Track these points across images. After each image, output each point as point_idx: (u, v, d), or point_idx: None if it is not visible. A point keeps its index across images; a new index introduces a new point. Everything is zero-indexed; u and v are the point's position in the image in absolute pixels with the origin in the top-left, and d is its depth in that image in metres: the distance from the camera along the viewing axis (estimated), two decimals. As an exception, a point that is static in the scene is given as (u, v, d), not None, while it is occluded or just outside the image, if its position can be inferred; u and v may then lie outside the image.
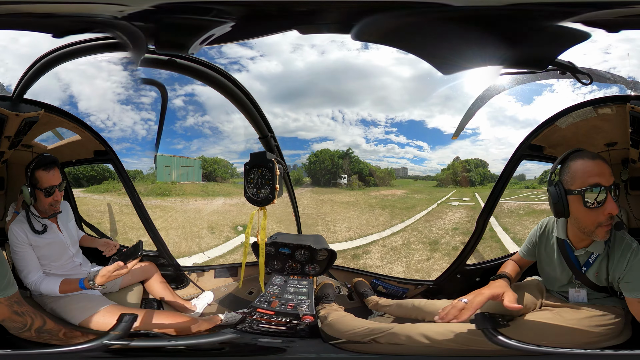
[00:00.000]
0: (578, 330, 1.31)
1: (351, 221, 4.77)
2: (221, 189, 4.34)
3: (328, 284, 2.01)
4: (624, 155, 1.80)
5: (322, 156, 5.23)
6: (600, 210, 1.09)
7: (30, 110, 1.71)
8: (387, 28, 1.22)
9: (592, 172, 1.09)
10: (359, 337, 1.45)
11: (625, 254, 1.13)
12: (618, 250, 1.15)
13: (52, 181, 1.57)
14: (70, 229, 1.75)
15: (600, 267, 1.22)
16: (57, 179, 1.59)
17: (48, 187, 1.56)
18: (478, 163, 4.80)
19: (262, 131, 2.03)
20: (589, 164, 1.11)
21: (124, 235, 2.94)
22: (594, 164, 1.10)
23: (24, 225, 1.57)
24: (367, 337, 1.43)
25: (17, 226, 1.57)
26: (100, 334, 1.36)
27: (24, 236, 1.55)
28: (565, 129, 1.75)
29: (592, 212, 1.10)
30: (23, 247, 1.56)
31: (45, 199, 1.56)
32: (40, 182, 1.55)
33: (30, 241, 1.57)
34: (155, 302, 1.97)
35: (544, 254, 1.44)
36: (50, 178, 1.57)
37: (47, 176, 1.56)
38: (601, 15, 1.14)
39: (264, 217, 1.41)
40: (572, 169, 1.15)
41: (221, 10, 1.17)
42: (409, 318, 1.65)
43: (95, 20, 1.23)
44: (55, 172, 1.59)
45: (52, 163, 1.58)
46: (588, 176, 1.10)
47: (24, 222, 1.58)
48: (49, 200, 1.58)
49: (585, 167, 1.11)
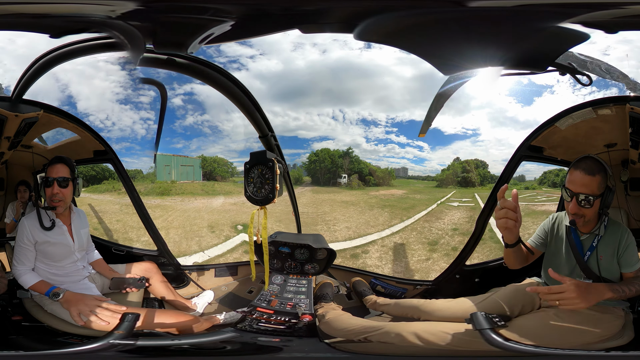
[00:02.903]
0: (578, 331, 1.31)
1: (351, 221, 4.76)
2: (221, 188, 4.34)
3: (327, 283, 2.02)
4: (624, 156, 1.80)
5: (322, 155, 5.22)
6: (568, 204, 1.44)
7: (30, 110, 1.71)
8: (388, 28, 1.22)
9: (570, 178, 1.42)
10: (352, 336, 1.47)
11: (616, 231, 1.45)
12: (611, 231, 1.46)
13: (51, 173, 1.66)
14: (82, 236, 1.78)
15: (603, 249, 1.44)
16: (56, 173, 1.66)
17: (50, 177, 1.65)
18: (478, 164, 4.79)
19: (262, 130, 2.03)
20: (573, 172, 1.42)
21: (124, 235, 2.94)
22: (575, 173, 1.41)
23: (34, 221, 1.64)
24: (359, 336, 1.45)
25: (28, 221, 1.64)
26: (104, 334, 1.37)
27: (30, 233, 1.62)
28: (565, 130, 1.76)
29: (566, 204, 1.46)
30: (24, 243, 1.63)
31: (46, 189, 1.65)
32: (46, 174, 1.66)
33: (35, 239, 1.63)
34: (156, 302, 1.98)
35: (552, 244, 1.58)
36: (51, 170, 1.66)
37: (50, 168, 1.66)
38: (599, 16, 1.14)
39: (265, 217, 1.41)
40: (570, 170, 1.45)
41: (221, 9, 1.17)
42: (406, 317, 1.66)
43: (92, 20, 1.22)
44: (58, 167, 1.67)
45: (59, 159, 1.68)
46: (569, 180, 1.44)
47: (35, 217, 1.64)
48: (49, 192, 1.66)
49: (571, 172, 1.43)
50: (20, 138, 1.81)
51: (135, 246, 2.34)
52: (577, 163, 1.43)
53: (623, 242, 1.42)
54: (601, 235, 1.44)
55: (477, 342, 1.30)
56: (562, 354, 1.27)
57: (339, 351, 1.42)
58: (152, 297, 1.99)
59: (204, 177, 4.24)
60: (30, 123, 1.77)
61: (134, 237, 2.72)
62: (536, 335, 1.32)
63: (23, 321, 1.62)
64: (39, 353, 1.34)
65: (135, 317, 1.41)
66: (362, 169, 5.17)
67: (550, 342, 1.30)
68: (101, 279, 1.85)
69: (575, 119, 1.71)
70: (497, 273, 1.96)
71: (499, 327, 1.32)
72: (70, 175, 1.67)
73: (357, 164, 5.17)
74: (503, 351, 1.25)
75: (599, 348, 1.31)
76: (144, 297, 1.95)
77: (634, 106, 1.56)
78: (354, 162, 5.19)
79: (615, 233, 1.44)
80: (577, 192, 1.39)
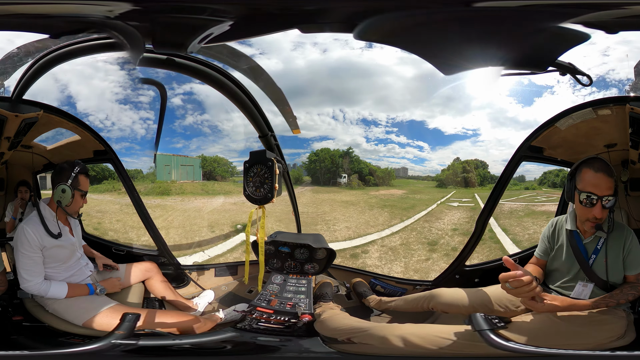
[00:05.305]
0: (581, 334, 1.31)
1: (350, 220, 4.76)
2: (221, 188, 4.33)
3: (326, 283, 2.02)
4: (624, 156, 1.80)
5: (322, 155, 5.21)
6: (589, 210, 1.36)
7: (30, 110, 1.71)
8: (388, 28, 1.21)
9: (591, 181, 1.35)
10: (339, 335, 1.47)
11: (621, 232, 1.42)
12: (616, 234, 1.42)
13: (85, 186, 1.69)
14: (79, 232, 1.79)
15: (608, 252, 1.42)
16: (88, 186, 1.72)
17: (85, 191, 1.69)
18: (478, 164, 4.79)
19: (262, 130, 2.03)
20: (592, 175, 1.36)
21: (124, 235, 2.95)
22: (595, 176, 1.35)
23: (37, 226, 1.56)
24: (343, 336, 1.45)
25: (31, 227, 1.55)
26: (104, 334, 1.37)
27: (37, 240, 1.54)
28: (565, 130, 1.75)
29: (584, 209, 1.39)
30: (33, 251, 1.55)
31: (80, 200, 1.68)
32: (82, 185, 1.67)
33: (43, 244, 1.57)
34: (157, 302, 1.98)
35: (554, 250, 1.55)
36: (87, 183, 1.70)
37: (86, 182, 1.69)
38: (600, 17, 1.14)
39: (263, 216, 1.41)
40: (582, 172, 1.40)
41: (220, 9, 1.16)
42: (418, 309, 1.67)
43: (92, 20, 1.22)
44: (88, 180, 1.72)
45: (87, 170, 1.71)
46: (587, 183, 1.36)
47: (37, 222, 1.57)
48: (81, 204, 1.70)
49: (589, 176, 1.36)
50: (20, 138, 1.81)
51: (135, 246, 2.35)
52: (595, 165, 1.37)
53: (628, 243, 1.40)
54: (605, 237, 1.40)
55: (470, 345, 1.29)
56: (564, 354, 1.26)
57: (339, 352, 1.42)
58: (153, 297, 1.99)
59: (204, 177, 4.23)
60: (30, 123, 1.77)
61: (134, 237, 2.72)
62: (537, 338, 1.31)
63: (24, 321, 1.62)
64: (40, 353, 1.34)
65: (135, 317, 1.41)
66: (362, 169, 5.16)
67: (549, 344, 1.29)
68: (100, 276, 1.86)
69: (575, 119, 1.71)
70: (497, 273, 1.96)
71: (500, 328, 1.32)
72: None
73: (357, 164, 5.17)
74: (502, 352, 1.25)
75: (600, 349, 1.30)
76: (144, 297, 1.96)
77: (634, 106, 1.56)
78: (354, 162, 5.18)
79: (620, 235, 1.41)
80: (603, 195, 1.33)
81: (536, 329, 1.34)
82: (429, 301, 1.64)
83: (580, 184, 1.38)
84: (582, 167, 1.40)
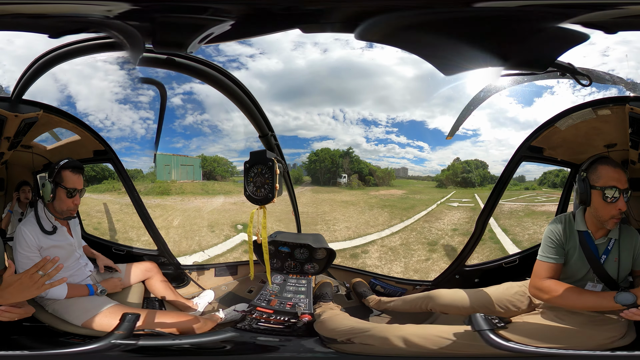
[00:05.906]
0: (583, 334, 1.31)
1: (350, 220, 4.77)
2: (221, 188, 4.33)
3: (326, 283, 2.02)
4: (624, 156, 1.80)
5: (322, 155, 5.21)
6: (614, 205, 1.37)
7: (29, 110, 1.71)
8: (389, 28, 1.22)
9: (613, 176, 1.37)
10: (338, 336, 1.47)
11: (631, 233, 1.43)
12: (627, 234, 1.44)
13: (76, 184, 1.59)
14: (78, 232, 1.78)
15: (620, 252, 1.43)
16: (81, 184, 1.62)
17: (72, 188, 1.58)
18: (478, 164, 4.79)
19: (262, 130, 2.03)
20: (612, 170, 1.39)
21: (124, 235, 2.95)
22: (615, 171, 1.38)
23: (34, 227, 1.55)
24: (343, 337, 1.45)
25: (28, 227, 1.54)
26: (104, 335, 1.37)
27: (33, 239, 1.53)
28: (565, 130, 1.76)
29: (608, 206, 1.38)
30: (31, 251, 1.54)
31: (66, 199, 1.58)
32: (65, 181, 1.57)
33: (40, 244, 1.56)
34: (157, 302, 1.98)
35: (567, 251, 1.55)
36: (75, 180, 1.59)
37: (74, 178, 1.59)
38: (599, 17, 1.14)
39: (264, 216, 1.41)
40: (599, 170, 1.41)
41: (221, 9, 1.16)
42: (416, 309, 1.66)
43: (91, 20, 1.22)
44: (80, 177, 1.62)
45: (80, 168, 1.62)
46: (610, 179, 1.37)
47: (34, 222, 1.56)
48: (69, 203, 1.59)
49: (609, 171, 1.39)
50: (20, 138, 1.80)
51: (135, 246, 2.34)
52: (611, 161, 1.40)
53: (639, 244, 1.42)
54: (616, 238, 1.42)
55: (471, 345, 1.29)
56: (564, 354, 1.26)
57: (339, 352, 1.42)
58: (153, 297, 1.99)
59: (204, 177, 4.23)
60: (30, 123, 1.76)
61: (134, 237, 2.72)
62: (537, 338, 1.31)
63: (24, 321, 1.62)
64: (40, 353, 1.34)
65: (135, 317, 1.41)
66: (362, 169, 5.16)
67: (549, 344, 1.29)
68: (101, 276, 1.85)
69: (575, 120, 1.71)
70: (497, 273, 1.96)
71: (500, 328, 1.32)
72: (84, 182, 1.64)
73: (357, 164, 5.17)
74: (502, 352, 1.25)
75: (600, 349, 1.31)
76: (144, 297, 1.96)
77: (634, 106, 1.56)
78: (354, 162, 5.18)
79: (631, 235, 1.43)
80: (625, 189, 1.36)
81: (536, 329, 1.34)
82: (427, 302, 1.64)
83: (599, 182, 1.38)
84: (597, 165, 1.41)
